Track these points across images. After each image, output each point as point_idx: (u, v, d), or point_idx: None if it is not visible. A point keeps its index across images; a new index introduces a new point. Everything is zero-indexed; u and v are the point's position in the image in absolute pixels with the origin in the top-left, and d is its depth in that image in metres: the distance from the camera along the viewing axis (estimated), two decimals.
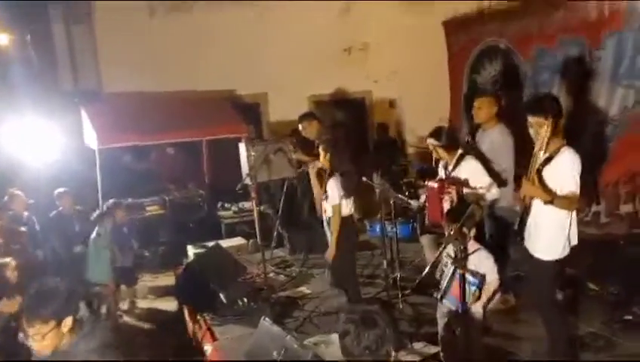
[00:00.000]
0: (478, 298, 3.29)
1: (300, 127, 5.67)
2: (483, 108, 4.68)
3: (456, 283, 3.15)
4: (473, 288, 3.24)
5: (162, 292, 6.29)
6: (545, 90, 6.45)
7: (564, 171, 3.20)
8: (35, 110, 7.63)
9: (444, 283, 3.35)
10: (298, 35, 8.95)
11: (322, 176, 4.54)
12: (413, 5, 9.08)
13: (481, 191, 4.00)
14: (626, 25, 5.30)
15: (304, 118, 5.69)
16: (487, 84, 7.91)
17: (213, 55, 9.09)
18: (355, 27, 9.17)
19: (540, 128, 3.20)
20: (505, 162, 4.52)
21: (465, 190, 4.03)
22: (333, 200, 4.40)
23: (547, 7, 6.50)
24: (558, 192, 3.19)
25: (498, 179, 4.33)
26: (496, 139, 4.59)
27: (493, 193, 4.10)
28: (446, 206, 4.01)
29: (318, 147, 4.74)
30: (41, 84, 9.13)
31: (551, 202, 3.16)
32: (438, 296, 3.42)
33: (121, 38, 9.26)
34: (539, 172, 3.23)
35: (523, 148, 4.42)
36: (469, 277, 3.16)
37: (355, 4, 9.06)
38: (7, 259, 4.14)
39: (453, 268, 3.20)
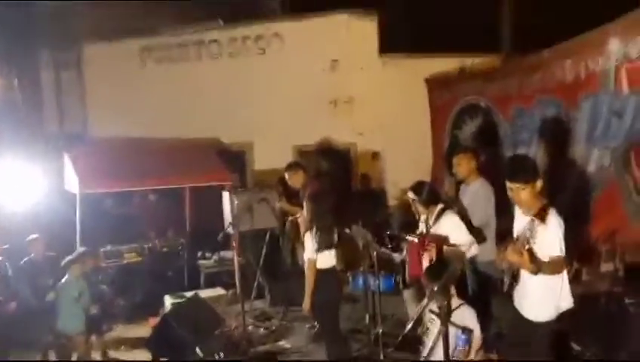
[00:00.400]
0: (467, 354, 3.24)
1: (287, 176, 5.69)
2: (462, 165, 4.80)
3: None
4: (461, 344, 3.19)
5: (136, 343, 6.06)
6: (523, 148, 6.61)
7: (549, 236, 3.18)
8: (18, 153, 7.58)
9: (429, 341, 3.29)
10: (285, 85, 9.15)
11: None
12: (398, 62, 9.38)
13: (462, 248, 4.00)
14: (602, 88, 5.51)
15: (290, 167, 5.72)
16: (467, 140, 8.09)
17: (200, 103, 9.23)
18: (341, 81, 9.40)
19: (520, 192, 3.21)
20: (486, 216, 4.57)
21: (445, 248, 4.03)
22: (308, 254, 4.36)
23: (525, 69, 6.76)
24: (545, 258, 3.16)
25: (478, 235, 4.35)
26: (476, 193, 4.67)
27: (473, 250, 4.11)
28: (425, 262, 4.00)
29: (302, 197, 4.73)
30: (27, 128, 9.11)
31: (537, 273, 3.12)
32: (425, 354, 3.35)
33: (109, 84, 9.39)
34: (527, 242, 3.15)
35: (503, 203, 4.50)
36: (458, 333, 3.12)
37: (342, 59, 9.31)
38: None
39: (438, 325, 3.15)
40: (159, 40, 9.66)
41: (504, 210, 4.37)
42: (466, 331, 3.19)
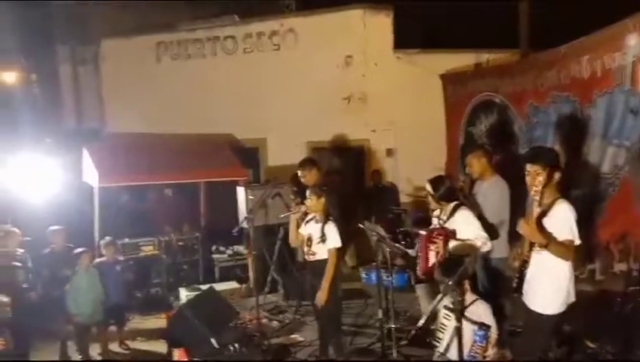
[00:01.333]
0: (485, 350, 3.26)
1: (300, 173, 5.67)
2: (473, 164, 4.83)
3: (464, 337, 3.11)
4: (479, 340, 3.21)
5: (152, 334, 6.18)
6: (538, 145, 6.57)
7: (559, 221, 3.27)
8: (37, 147, 7.72)
9: (445, 337, 3.31)
10: (299, 81, 9.18)
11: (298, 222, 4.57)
12: (412, 58, 9.37)
13: (477, 243, 4.02)
14: (618, 85, 5.47)
15: (304, 165, 5.63)
16: (481, 137, 8.07)
17: (215, 99, 9.31)
18: (355, 77, 9.41)
19: (536, 176, 3.30)
20: (500, 213, 4.58)
21: (455, 242, 4.05)
22: (333, 243, 4.41)
23: (541, 65, 6.71)
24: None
25: (491, 231, 4.37)
26: (490, 190, 4.68)
27: (486, 247, 4.12)
28: (432, 256, 4.02)
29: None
30: (45, 122, 9.26)
31: (547, 246, 3.18)
32: (441, 350, 3.37)
33: (126, 79, 9.50)
34: (536, 222, 3.28)
35: (518, 201, 4.51)
36: (475, 329, 3.14)
37: (356, 55, 9.33)
38: (1, 296, 4.11)
39: (454, 321, 3.16)
40: (175, 36, 9.75)
41: (518, 209, 4.41)
42: (483, 327, 3.21)
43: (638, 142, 5.16)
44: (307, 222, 4.59)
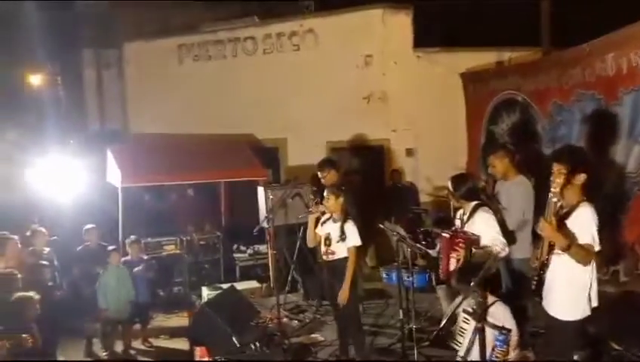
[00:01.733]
0: (507, 354, 3.22)
1: (319, 174, 5.66)
2: (496, 165, 4.77)
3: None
4: (499, 344, 3.17)
5: (175, 332, 6.27)
6: (562, 145, 6.48)
7: (581, 225, 3.19)
8: (62, 147, 7.89)
9: (465, 342, 3.29)
10: (319, 81, 9.20)
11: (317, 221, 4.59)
12: (432, 56, 9.31)
13: (495, 248, 3.96)
14: None
15: (323, 166, 5.61)
16: (503, 136, 7.98)
17: (236, 100, 9.38)
18: (374, 77, 9.39)
19: (558, 175, 3.24)
20: (524, 213, 4.52)
21: (475, 249, 3.99)
22: (354, 242, 4.42)
23: (565, 63, 6.62)
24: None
25: (510, 236, 4.32)
26: (514, 190, 4.62)
27: (504, 252, 4.05)
28: (452, 262, 3.99)
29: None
30: (70, 124, 9.46)
31: (568, 248, 3.11)
32: (462, 354, 3.34)
33: (149, 82, 9.64)
34: (558, 223, 3.21)
35: (541, 201, 4.45)
36: (495, 334, 3.10)
37: (376, 55, 9.31)
38: (32, 293, 4.21)
39: (473, 325, 3.13)
40: (196, 38, 9.86)
41: (541, 210, 4.35)
42: (504, 331, 3.17)
43: None
44: (324, 222, 4.61)
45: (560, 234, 3.13)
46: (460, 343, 3.42)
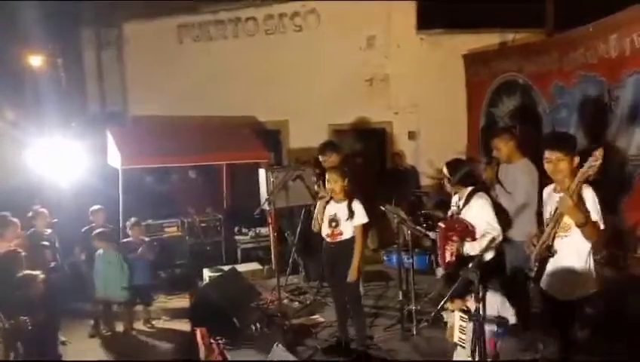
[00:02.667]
0: None
1: (321, 158, 5.64)
2: (501, 148, 4.70)
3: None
4: (501, 335, 3.18)
5: (176, 314, 6.31)
6: (563, 127, 6.42)
7: (587, 204, 3.18)
8: (62, 129, 7.86)
9: (468, 339, 3.28)
10: (321, 63, 9.12)
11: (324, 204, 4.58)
12: (436, 38, 9.22)
13: (488, 237, 3.96)
14: None
15: (325, 149, 5.61)
16: (504, 118, 7.92)
17: (237, 81, 9.31)
18: (377, 59, 9.31)
19: (558, 163, 3.23)
20: (529, 196, 4.50)
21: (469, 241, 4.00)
22: (361, 220, 4.43)
23: (567, 44, 6.53)
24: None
25: (511, 218, 4.31)
26: (519, 172, 4.58)
27: (499, 238, 4.04)
28: (447, 254, 4.00)
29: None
30: (70, 105, 9.42)
31: (585, 224, 3.10)
32: (469, 354, 3.32)
33: (148, 62, 9.56)
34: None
35: (544, 184, 4.43)
36: (494, 329, 3.11)
37: (379, 36, 9.21)
38: (37, 272, 4.23)
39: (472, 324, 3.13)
40: (197, 18, 9.75)
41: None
42: (502, 322, 3.17)
43: None
44: (326, 203, 4.59)
45: (577, 209, 3.10)
46: (464, 340, 3.41)
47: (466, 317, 3.21)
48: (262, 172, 6.47)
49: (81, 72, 10.34)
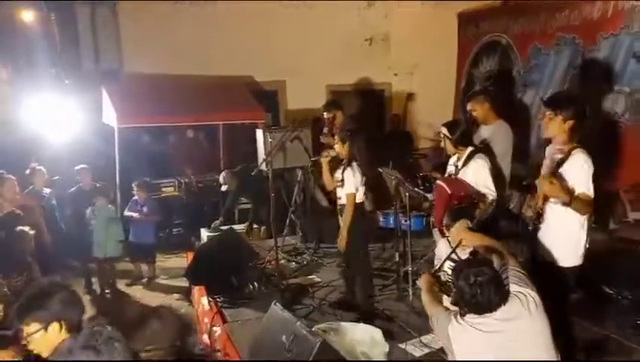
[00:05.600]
0: None
1: (325, 115, 5.69)
2: (477, 109, 4.72)
3: None
4: None
5: (174, 273, 6.38)
6: (533, 89, 6.38)
7: (577, 172, 3.14)
8: (56, 86, 7.73)
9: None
10: (319, 23, 8.94)
11: (332, 165, 4.56)
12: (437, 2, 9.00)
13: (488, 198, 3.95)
14: (624, 27, 5.17)
15: (329, 106, 5.71)
16: (480, 79, 7.83)
17: (234, 41, 9.11)
18: (377, 18, 9.12)
19: (549, 121, 3.24)
20: (504, 157, 4.52)
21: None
22: (349, 189, 4.40)
23: (554, 5, 6.35)
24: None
25: (502, 182, 4.30)
26: (496, 135, 4.59)
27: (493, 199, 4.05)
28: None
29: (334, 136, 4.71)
30: (64, 62, 9.23)
31: (569, 203, 3.07)
32: None
33: (144, 20, 9.32)
34: (552, 175, 3.15)
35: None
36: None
37: None
38: (26, 228, 4.24)
39: None
40: None
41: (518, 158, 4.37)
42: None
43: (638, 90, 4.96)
44: (338, 166, 4.59)
45: (561, 190, 3.06)
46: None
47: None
48: (259, 132, 6.41)
49: (75, 28, 10.09)
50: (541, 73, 6.37)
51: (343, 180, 4.42)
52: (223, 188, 6.98)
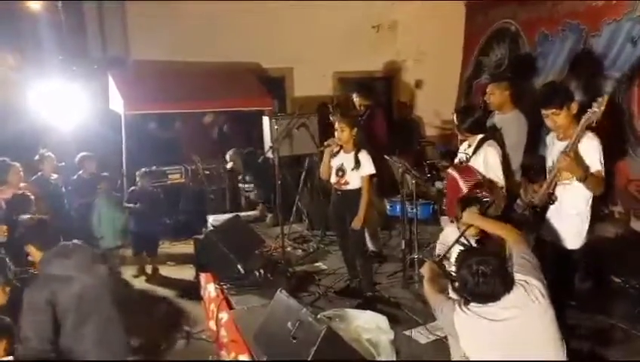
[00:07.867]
0: None
1: (354, 97, 6.11)
2: (495, 94, 4.59)
3: None
4: None
5: (181, 259, 6.41)
6: (538, 77, 6.32)
7: (590, 152, 3.20)
8: (63, 73, 7.74)
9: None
10: (326, 9, 8.83)
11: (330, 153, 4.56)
12: None
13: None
14: (627, 13, 5.10)
15: (360, 91, 6.11)
16: (490, 67, 7.73)
17: (241, 28, 9.05)
18: (384, 4, 9.01)
19: (556, 118, 3.26)
20: (517, 147, 4.45)
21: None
22: (368, 170, 4.42)
23: None
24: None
25: (510, 174, 4.27)
26: (510, 125, 4.51)
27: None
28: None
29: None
30: (71, 49, 9.22)
31: (585, 179, 3.13)
32: None
33: (151, 6, 9.27)
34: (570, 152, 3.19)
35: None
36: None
37: None
38: (45, 216, 4.25)
39: None
40: None
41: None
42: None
43: (627, 74, 4.90)
44: (335, 154, 4.55)
45: (577, 165, 3.13)
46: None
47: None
48: (266, 120, 6.39)
49: (82, 15, 10.07)
50: (545, 60, 6.30)
51: (357, 163, 4.40)
52: (228, 165, 7.01)
